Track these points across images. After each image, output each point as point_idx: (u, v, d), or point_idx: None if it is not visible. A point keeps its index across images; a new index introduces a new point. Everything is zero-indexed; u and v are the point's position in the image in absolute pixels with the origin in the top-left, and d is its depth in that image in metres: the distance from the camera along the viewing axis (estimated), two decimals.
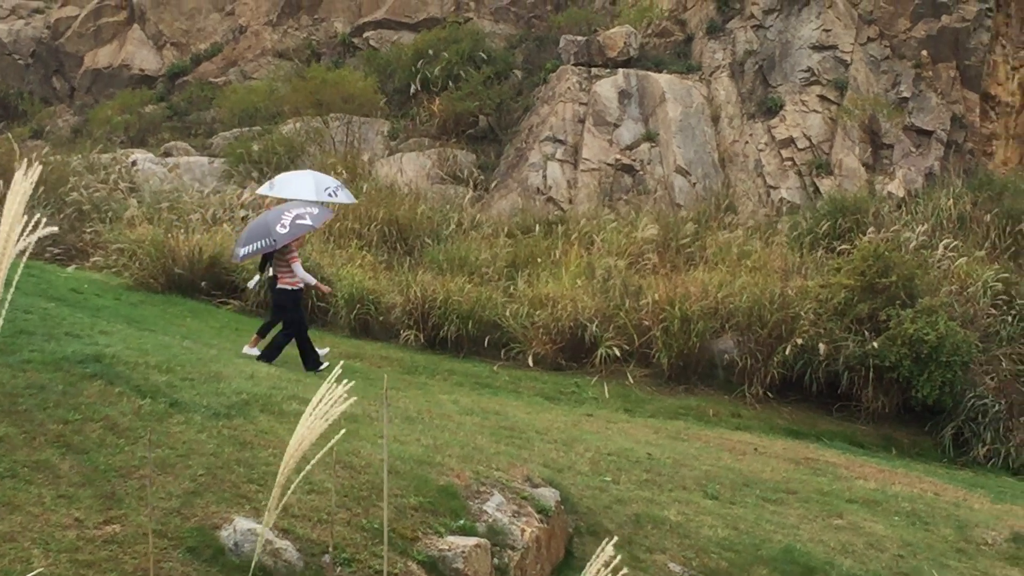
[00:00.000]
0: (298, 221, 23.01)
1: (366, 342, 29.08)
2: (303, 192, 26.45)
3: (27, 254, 3.79)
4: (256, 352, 23.39)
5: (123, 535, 13.33)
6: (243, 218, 35.36)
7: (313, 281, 23.98)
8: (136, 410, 15.90)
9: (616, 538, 16.65)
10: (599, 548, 4.79)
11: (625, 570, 3.87)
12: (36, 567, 12.21)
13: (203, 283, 30.76)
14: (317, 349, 24.01)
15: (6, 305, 4.58)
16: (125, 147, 43.98)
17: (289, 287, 23.27)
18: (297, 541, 13.99)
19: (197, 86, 49.29)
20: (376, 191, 37.65)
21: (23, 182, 3.56)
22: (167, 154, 43.59)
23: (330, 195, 26.81)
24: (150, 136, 45.92)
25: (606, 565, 3.64)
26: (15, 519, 13.24)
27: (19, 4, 54.04)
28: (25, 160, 4.36)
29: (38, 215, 4.81)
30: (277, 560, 13.67)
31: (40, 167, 4.85)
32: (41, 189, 34.25)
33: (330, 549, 13.98)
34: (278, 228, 22.86)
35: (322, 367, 23.08)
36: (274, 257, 23.37)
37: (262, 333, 23.90)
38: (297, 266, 23.35)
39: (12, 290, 4.54)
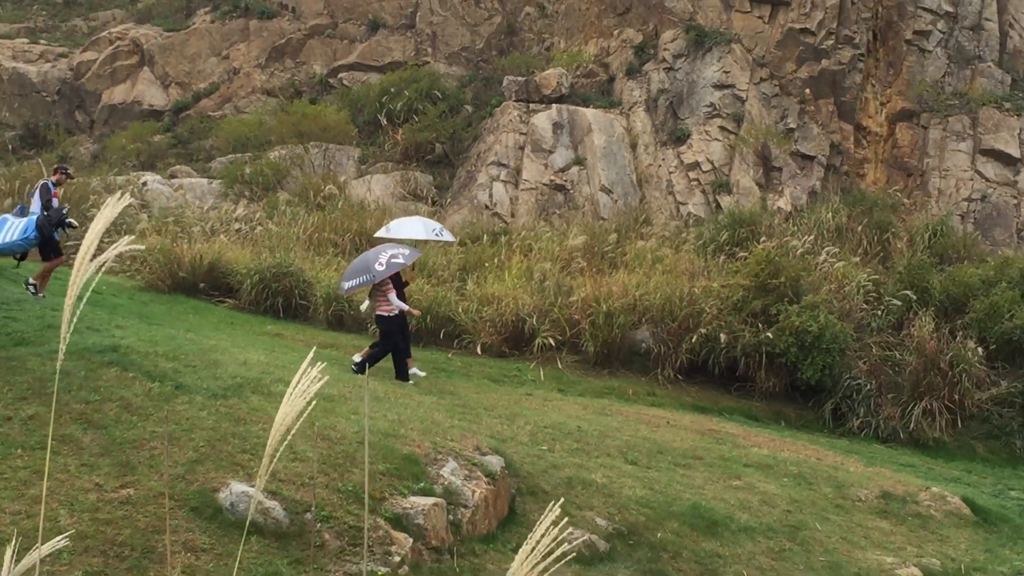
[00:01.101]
0: (393, 260, 23.52)
1: (341, 334, 28.98)
2: (416, 233, 26.44)
3: (103, 267, 3.79)
4: (420, 372, 24.46)
5: (136, 497, 13.28)
6: (237, 230, 35.23)
7: (405, 307, 24.17)
8: (147, 392, 15.86)
9: (553, 498, 16.68)
10: (545, 510, 4.80)
11: (566, 520, 3.89)
12: (63, 525, 12.15)
13: (202, 284, 30.65)
14: (416, 370, 24.44)
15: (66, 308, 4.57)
16: (137, 170, 43.74)
17: (386, 314, 23.63)
18: (284, 502, 13.95)
19: (197, 119, 49.04)
20: (349, 207, 37.56)
21: (113, 208, 3.56)
22: (172, 176, 43.37)
23: (437, 235, 26.64)
24: (158, 161, 45.66)
25: (554, 524, 3.64)
26: (45, 484, 13.15)
27: (47, 49, 53.65)
28: (120, 192, 4.34)
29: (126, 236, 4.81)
30: (267, 518, 13.62)
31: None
32: (66, 205, 34.12)
33: (312, 508, 13.94)
34: (376, 266, 23.37)
35: (411, 382, 23.56)
36: (373, 289, 23.76)
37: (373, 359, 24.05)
38: (392, 296, 23.71)
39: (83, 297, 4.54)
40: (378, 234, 27.00)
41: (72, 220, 23.73)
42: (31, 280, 22.38)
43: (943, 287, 32.73)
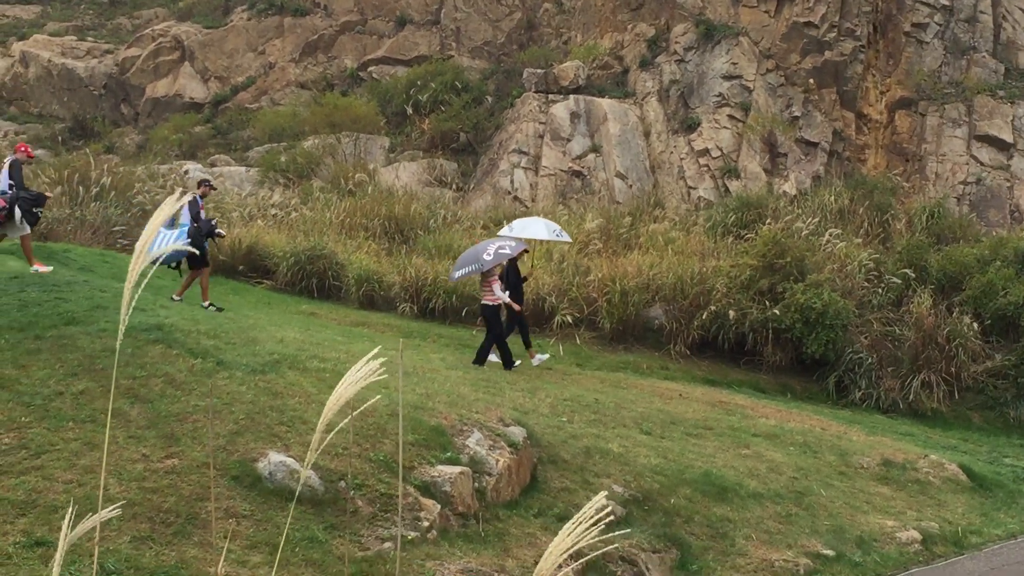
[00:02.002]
0: (500, 251, 24.03)
1: (371, 312, 29.04)
2: (538, 233, 26.71)
3: (159, 262, 3.81)
4: (543, 356, 25.62)
5: (180, 467, 13.32)
6: (273, 215, 35.27)
7: (507, 299, 24.39)
8: (190, 368, 15.89)
9: (572, 467, 16.65)
10: (564, 478, 4.77)
11: (603, 496, 3.85)
12: (112, 493, 12.19)
13: (241, 267, 30.73)
14: (539, 355, 25.40)
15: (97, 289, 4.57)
16: (179, 159, 43.83)
17: (490, 303, 23.94)
18: (319, 471, 13.98)
19: (236, 111, 49.11)
20: (378, 193, 37.57)
21: (172, 204, 3.56)
22: (212, 165, 43.45)
23: (557, 235, 26.79)
24: (199, 151, 45.75)
25: (598, 511, 3.64)
26: (95, 455, 13.21)
27: (93, 46, 53.71)
28: (178, 188, 4.34)
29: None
30: (304, 485, 13.65)
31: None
32: (112, 193, 34.18)
33: (346, 477, 13.97)
34: (485, 256, 23.91)
35: (516, 364, 24.12)
36: (481, 278, 24.18)
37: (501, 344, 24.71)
38: (496, 287, 23.98)
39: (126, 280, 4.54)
40: (501, 232, 27.03)
41: (221, 230, 24.67)
42: (207, 303, 23.27)
43: (940, 266, 32.67)
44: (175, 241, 21.91)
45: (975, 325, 30.14)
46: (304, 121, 44.86)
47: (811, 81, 42.83)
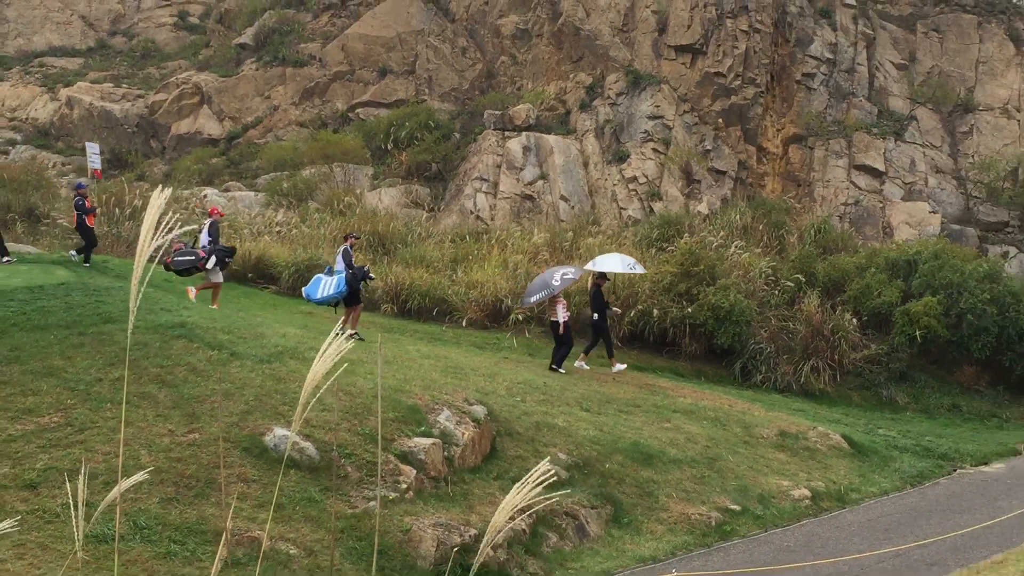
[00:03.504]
0: (566, 277, 24.75)
1: (361, 312, 29.01)
2: (615, 267, 26.33)
3: (160, 254, 3.79)
4: (585, 366, 25.44)
5: (200, 440, 13.29)
6: (277, 231, 35.13)
7: (563, 319, 24.60)
8: (208, 358, 15.85)
9: (525, 439, 16.64)
10: (518, 447, 4.77)
11: (547, 463, 3.87)
12: (143, 462, 12.15)
13: (251, 274, 30.56)
14: (619, 366, 25.31)
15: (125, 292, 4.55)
16: (199, 186, 43.54)
17: (554, 320, 24.59)
18: (315, 443, 13.96)
19: (246, 145, 48.82)
20: (364, 213, 37.46)
21: (159, 197, 3.57)
22: (227, 190, 43.20)
23: (631, 268, 26.54)
24: (215, 178, 45.46)
25: (543, 474, 3.66)
26: (128, 431, 13.17)
27: (128, 92, 53.39)
28: (160, 186, 4.31)
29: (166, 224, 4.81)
30: (302, 455, 13.63)
31: (166, 192, 4.84)
32: (143, 213, 34.02)
33: (337, 448, 13.95)
34: (554, 282, 24.48)
35: (562, 371, 24.18)
36: (549, 301, 24.90)
37: (586, 352, 25.65)
38: (560, 308, 24.54)
39: (136, 283, 4.51)
40: (587, 266, 26.98)
41: (372, 275, 25.15)
42: (352, 331, 22.89)
43: (826, 272, 32.88)
44: (334, 287, 22.85)
45: (854, 320, 30.39)
46: (303, 154, 44.67)
47: (720, 120, 43.00)
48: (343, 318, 22.86)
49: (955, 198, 41.71)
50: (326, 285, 23.04)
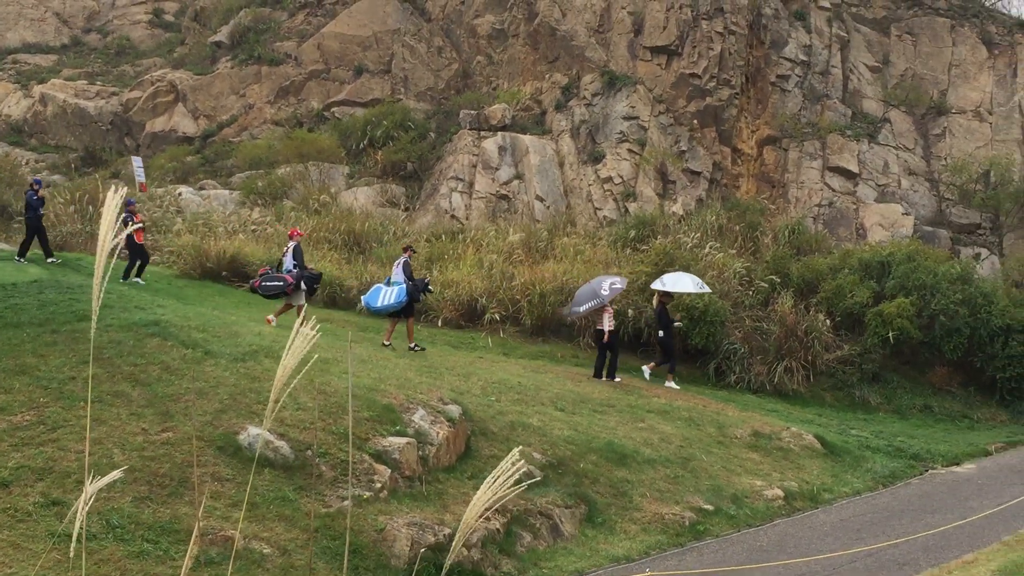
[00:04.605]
0: (614, 287, 25.18)
1: (334, 311, 28.90)
2: (687, 287, 26.72)
3: (116, 253, 3.77)
4: (647, 372, 26.37)
5: (174, 439, 13.24)
6: (252, 230, 35.05)
7: (608, 328, 25.09)
8: (182, 356, 15.80)
9: (500, 438, 16.63)
10: (493, 447, 4.80)
11: (517, 452, 3.88)
12: (116, 461, 12.09)
13: (225, 272, 30.49)
14: (672, 383, 25.96)
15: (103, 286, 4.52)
16: (174, 184, 43.32)
17: (601, 328, 25.06)
18: (290, 442, 13.93)
19: (221, 143, 48.59)
20: (339, 212, 37.41)
21: (113, 198, 3.57)
22: (202, 188, 42.99)
23: (700, 287, 26.91)
24: (190, 176, 45.20)
25: (512, 463, 3.66)
26: (102, 429, 13.11)
27: (102, 89, 53.04)
28: (112, 187, 4.30)
29: (118, 225, 4.78)
30: (276, 454, 13.61)
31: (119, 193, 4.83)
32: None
33: (312, 447, 13.92)
34: (602, 291, 24.95)
35: (618, 379, 24.92)
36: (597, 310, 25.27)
37: (610, 368, 25.52)
38: (607, 317, 25.08)
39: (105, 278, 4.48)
40: (653, 285, 27.27)
41: (431, 287, 25.88)
42: (413, 344, 23.93)
43: (800, 273, 32.99)
44: (394, 297, 23.39)
45: (827, 321, 30.50)
46: (278, 152, 44.51)
47: (695, 121, 43.11)
48: (408, 331, 24.04)
49: (928, 200, 41.94)
50: (386, 295, 23.56)
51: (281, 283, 23.44)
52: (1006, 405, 30.54)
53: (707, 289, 27.39)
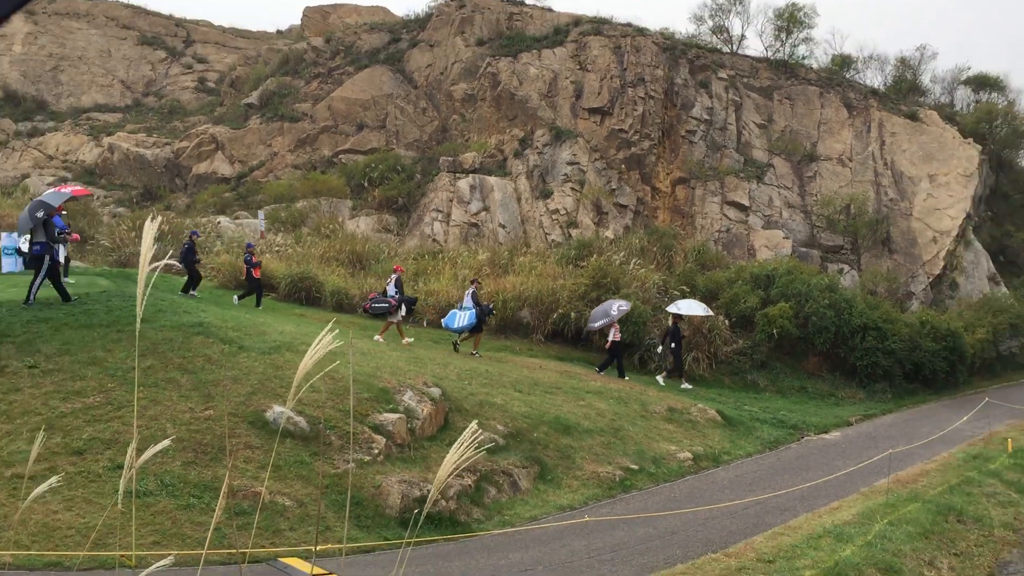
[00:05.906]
0: (621, 308, 25.53)
1: (341, 314, 28.72)
2: (698, 312, 26.94)
3: (159, 268, 3.73)
4: (662, 380, 26.35)
5: (214, 415, 13.15)
6: (276, 251, 34.80)
7: (613, 338, 25.61)
8: (221, 350, 15.69)
9: (472, 414, 16.55)
10: (467, 421, 4.82)
11: (477, 423, 3.88)
12: (169, 433, 11.99)
13: None
14: (687, 384, 26.29)
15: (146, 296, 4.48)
16: (214, 214, 43.03)
17: (611, 338, 25.70)
18: (306, 417, 13.85)
19: (252, 183, 48.27)
20: (345, 237, 37.25)
21: (151, 226, 3.51)
22: (237, 218, 42.73)
23: (706, 311, 27.09)
24: (227, 209, 44.90)
25: (472, 433, 3.65)
26: (157, 408, 13.00)
27: (158, 140, 52.61)
28: (157, 218, 4.26)
29: (171, 250, 4.75)
30: (296, 427, 13.52)
31: (162, 221, 4.81)
32: (170, 236, 33.67)
33: (323, 421, 13.85)
34: (612, 312, 25.40)
35: (626, 378, 25.40)
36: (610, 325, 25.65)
37: (614, 370, 25.95)
38: (612, 331, 25.54)
39: (148, 288, 4.44)
40: (669, 309, 27.49)
41: (493, 311, 26.50)
42: (474, 351, 24.50)
43: (704, 284, 33.14)
44: (467, 319, 24.21)
45: (726, 321, 30.65)
46: (296, 190, 44.31)
47: (623, 166, 43.29)
48: (475, 343, 24.87)
49: (803, 227, 42.29)
50: (461, 318, 24.36)
51: (386, 305, 24.19)
52: (863, 386, 30.83)
53: (710, 312, 27.85)
